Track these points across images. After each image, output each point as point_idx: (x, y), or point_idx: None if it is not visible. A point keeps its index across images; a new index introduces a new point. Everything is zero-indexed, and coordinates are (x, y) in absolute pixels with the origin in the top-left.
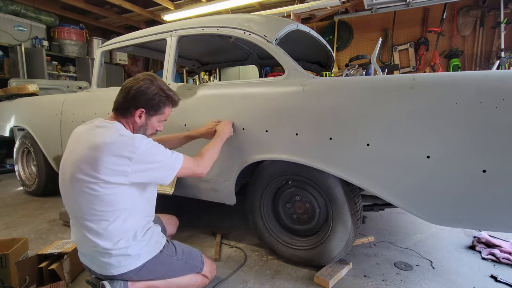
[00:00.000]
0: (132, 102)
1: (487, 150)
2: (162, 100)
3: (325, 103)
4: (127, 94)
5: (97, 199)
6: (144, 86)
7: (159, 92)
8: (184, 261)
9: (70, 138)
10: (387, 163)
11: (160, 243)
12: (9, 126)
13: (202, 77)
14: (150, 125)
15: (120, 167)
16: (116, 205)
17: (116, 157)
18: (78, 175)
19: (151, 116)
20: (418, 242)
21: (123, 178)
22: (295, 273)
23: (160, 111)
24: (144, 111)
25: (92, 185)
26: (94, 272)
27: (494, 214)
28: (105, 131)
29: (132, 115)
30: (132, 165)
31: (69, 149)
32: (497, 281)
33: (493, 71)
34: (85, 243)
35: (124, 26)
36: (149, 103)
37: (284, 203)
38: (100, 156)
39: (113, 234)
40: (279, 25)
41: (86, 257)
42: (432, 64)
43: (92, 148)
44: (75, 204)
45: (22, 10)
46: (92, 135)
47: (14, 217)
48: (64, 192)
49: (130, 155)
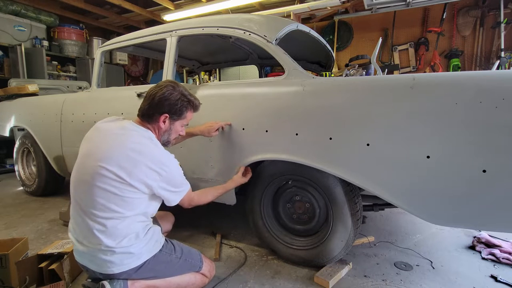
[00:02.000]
0: (156, 109)
1: (487, 150)
2: (184, 105)
3: (325, 103)
4: (151, 101)
5: (116, 199)
6: (167, 93)
7: (181, 98)
8: (183, 259)
9: (94, 131)
10: (387, 163)
11: (159, 242)
12: (9, 126)
13: (202, 77)
14: (174, 129)
15: (149, 180)
16: (132, 208)
17: (150, 169)
18: (106, 172)
19: (174, 121)
20: (418, 242)
21: (146, 189)
22: (295, 273)
23: (183, 115)
24: (168, 116)
25: (118, 184)
26: (92, 271)
27: (494, 214)
28: (141, 138)
29: (157, 121)
30: (160, 182)
31: (93, 143)
32: (497, 281)
33: (493, 71)
34: (88, 239)
35: (124, 26)
36: (172, 108)
37: (284, 203)
38: (138, 164)
39: (119, 233)
40: (279, 25)
41: (85, 255)
42: (432, 64)
43: (134, 152)
44: (91, 198)
45: (22, 10)
46: (130, 138)
47: (14, 217)
48: (79, 183)
49: (161, 172)
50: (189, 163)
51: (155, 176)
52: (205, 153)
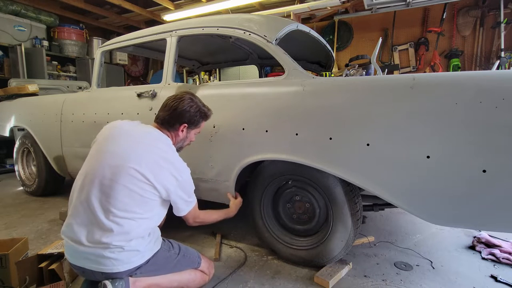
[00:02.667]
0: (178, 119)
1: (487, 150)
2: (202, 116)
3: (325, 103)
4: (173, 111)
5: (139, 200)
6: (187, 106)
7: (200, 110)
8: (182, 255)
9: (115, 130)
10: (387, 163)
11: (159, 240)
12: (9, 126)
13: (202, 77)
14: (188, 137)
15: (169, 185)
16: (149, 210)
17: (171, 175)
18: (135, 174)
19: (191, 130)
20: (418, 242)
21: (165, 192)
22: (295, 273)
23: (198, 125)
24: (186, 126)
25: (145, 185)
26: (90, 272)
27: (494, 214)
28: (166, 146)
29: (176, 130)
30: (176, 187)
31: (118, 143)
32: (497, 281)
33: (493, 71)
34: (95, 238)
35: (124, 26)
36: (191, 119)
37: (284, 203)
38: (163, 169)
39: (133, 234)
40: (279, 25)
41: (84, 255)
42: (432, 64)
43: (161, 158)
44: (114, 197)
45: (22, 10)
46: (158, 144)
47: (14, 217)
48: (99, 181)
49: (178, 178)
50: (189, 163)
51: (174, 182)
52: (205, 153)
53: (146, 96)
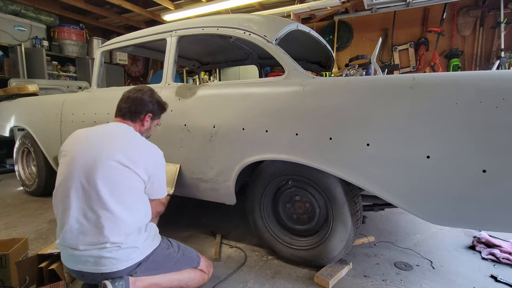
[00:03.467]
0: (143, 109)
1: (487, 150)
2: (161, 108)
3: (325, 103)
4: (137, 102)
5: (126, 189)
6: (150, 96)
7: (159, 101)
8: (181, 253)
9: (76, 136)
10: (387, 163)
11: (158, 237)
12: (9, 126)
13: (202, 77)
14: (151, 128)
15: (148, 166)
16: (136, 198)
17: (147, 157)
18: (115, 164)
19: (153, 120)
20: (418, 242)
21: (146, 176)
22: (295, 273)
23: (159, 116)
24: (151, 116)
25: (127, 174)
26: (90, 275)
27: (494, 214)
28: (135, 134)
29: (141, 120)
30: (155, 168)
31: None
32: (497, 281)
33: (493, 71)
34: (90, 240)
35: (124, 26)
36: (154, 109)
37: (284, 203)
38: (141, 154)
39: (128, 228)
40: (279, 25)
41: (82, 259)
42: (432, 64)
43: (135, 145)
44: (101, 193)
45: (22, 10)
46: (128, 135)
47: (14, 217)
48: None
49: (154, 159)
50: (189, 163)
51: (151, 163)
52: (205, 153)
53: None
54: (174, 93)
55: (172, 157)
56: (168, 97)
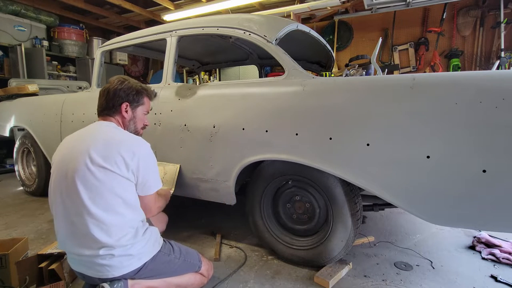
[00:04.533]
0: (115, 99)
1: (487, 150)
2: (139, 92)
3: (325, 103)
4: (107, 95)
5: (103, 190)
6: (118, 85)
7: (132, 86)
8: (182, 259)
9: (65, 142)
10: (387, 163)
11: (158, 242)
12: (9, 126)
13: (202, 77)
14: (137, 117)
15: (127, 159)
16: (126, 200)
17: (126, 150)
18: (85, 167)
19: (135, 108)
20: (418, 242)
21: (126, 170)
22: (295, 273)
23: (141, 101)
24: (128, 104)
25: (100, 174)
26: (90, 278)
27: (494, 214)
28: (109, 128)
29: (119, 111)
30: (137, 162)
31: (66, 149)
32: (497, 281)
33: (493, 71)
34: (84, 246)
35: (124, 26)
36: (129, 95)
37: (284, 203)
38: (112, 148)
39: (117, 229)
40: (279, 25)
41: (81, 263)
42: (432, 64)
43: (105, 141)
44: (77, 198)
45: (22, 10)
46: (102, 131)
47: (14, 217)
48: (63, 190)
49: (135, 152)
50: (189, 163)
51: (131, 157)
52: (205, 153)
53: None
54: (174, 93)
55: (172, 157)
56: (168, 97)
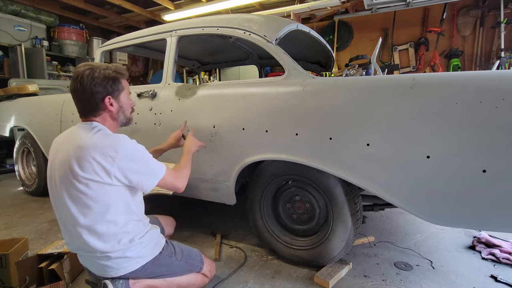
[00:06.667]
0: (95, 99)
1: (487, 150)
2: (114, 79)
3: (325, 103)
4: (83, 97)
5: (87, 200)
6: (90, 81)
7: (106, 76)
8: (184, 261)
9: (52, 146)
10: (387, 163)
11: (159, 244)
12: (9, 126)
13: (202, 77)
14: (124, 104)
15: (107, 166)
16: (110, 204)
17: (101, 155)
18: (66, 177)
19: (118, 97)
20: (418, 242)
21: (107, 176)
22: (295, 273)
23: (120, 86)
24: (110, 97)
25: (79, 185)
26: (94, 274)
27: (494, 214)
28: (85, 132)
29: (104, 108)
30: (118, 162)
31: (52, 155)
32: (497, 281)
33: (493, 71)
34: (82, 248)
35: (124, 26)
36: (107, 89)
37: (284, 203)
38: (85, 157)
39: (111, 236)
40: (279, 25)
41: (85, 260)
42: (432, 64)
43: (77, 148)
44: (67, 209)
45: (22, 10)
46: (75, 137)
47: (14, 217)
48: (55, 200)
49: (112, 154)
50: None
51: (110, 160)
52: (205, 153)
53: (146, 96)
54: (174, 93)
55: (172, 157)
56: (168, 97)
